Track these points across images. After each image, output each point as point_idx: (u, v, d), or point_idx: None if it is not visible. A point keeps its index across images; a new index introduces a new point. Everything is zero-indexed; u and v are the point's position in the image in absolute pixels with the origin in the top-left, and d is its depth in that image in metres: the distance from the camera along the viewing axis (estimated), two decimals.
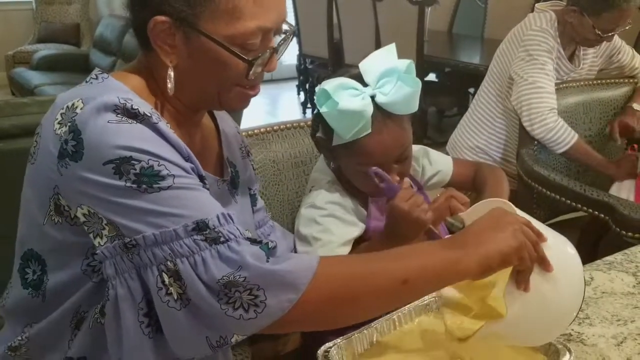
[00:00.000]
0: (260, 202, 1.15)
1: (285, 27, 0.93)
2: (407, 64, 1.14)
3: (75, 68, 5.52)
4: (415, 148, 1.34)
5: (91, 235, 0.82)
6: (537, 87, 2.08)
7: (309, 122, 1.51)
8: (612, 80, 2.33)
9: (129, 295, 0.81)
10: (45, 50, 5.84)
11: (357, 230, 1.23)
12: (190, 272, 0.77)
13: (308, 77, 5.77)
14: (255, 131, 1.46)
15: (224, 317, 0.77)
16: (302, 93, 5.90)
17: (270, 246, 0.81)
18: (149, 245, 0.78)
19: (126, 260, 0.80)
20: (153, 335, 0.81)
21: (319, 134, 1.25)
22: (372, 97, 1.14)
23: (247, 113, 3.77)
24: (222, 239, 0.79)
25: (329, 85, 1.13)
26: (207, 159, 1.01)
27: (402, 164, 1.22)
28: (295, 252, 1.22)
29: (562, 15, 2.16)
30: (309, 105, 5.84)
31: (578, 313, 0.96)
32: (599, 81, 2.30)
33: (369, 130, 1.15)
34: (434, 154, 1.40)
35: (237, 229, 0.81)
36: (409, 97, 1.15)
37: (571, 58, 2.27)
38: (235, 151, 1.09)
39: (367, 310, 0.87)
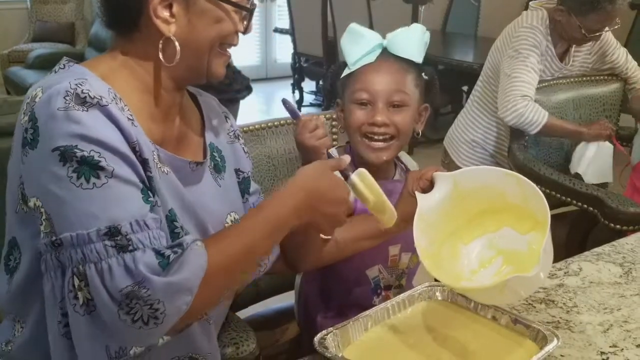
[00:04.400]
0: (255, 186, 1.18)
1: None
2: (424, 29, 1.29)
3: None
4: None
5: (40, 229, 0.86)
6: (513, 77, 2.13)
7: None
8: (602, 77, 2.36)
9: (51, 294, 0.85)
10: (41, 49, 5.83)
11: None
12: (96, 279, 0.80)
13: (303, 75, 5.79)
14: (251, 127, 1.50)
15: (124, 328, 0.80)
16: (296, 91, 5.92)
17: (171, 259, 0.83)
18: (67, 247, 0.81)
19: (54, 258, 0.84)
20: (69, 336, 0.85)
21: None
22: (384, 47, 1.28)
23: (242, 111, 3.81)
24: (130, 247, 0.81)
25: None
26: (187, 143, 1.04)
27: (398, 112, 1.27)
28: None
29: (552, 13, 2.20)
30: (304, 104, 5.87)
31: None
32: (589, 78, 2.33)
33: (373, 60, 1.26)
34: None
35: (149, 236, 0.84)
36: (412, 38, 1.28)
37: (563, 56, 2.31)
38: (221, 136, 1.12)
39: (249, 274, 0.98)
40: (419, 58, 1.28)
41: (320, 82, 5.80)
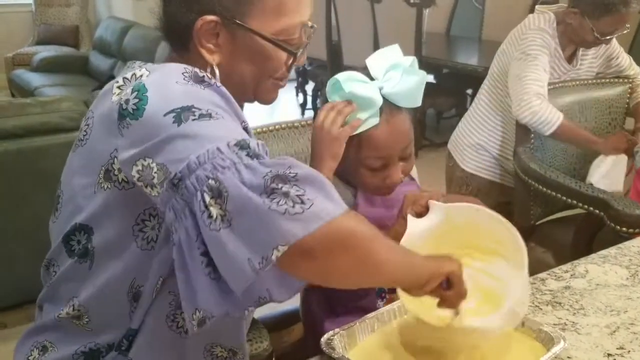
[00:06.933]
0: None
1: (309, 22, 1.01)
2: (411, 60, 1.18)
3: (75, 70, 5.55)
4: None
5: (147, 189, 0.82)
6: (523, 76, 2.13)
7: (304, 122, 1.55)
8: (607, 80, 2.36)
9: (186, 237, 0.78)
10: (45, 52, 5.86)
11: None
12: (232, 179, 0.75)
13: (307, 78, 5.80)
14: (254, 131, 1.50)
15: (267, 216, 0.73)
16: (300, 94, 5.92)
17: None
18: (192, 171, 0.77)
19: (179, 199, 0.78)
20: (214, 276, 0.78)
21: None
22: (380, 89, 1.17)
23: (246, 114, 3.81)
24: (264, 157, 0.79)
25: (340, 76, 1.17)
26: None
27: (406, 161, 1.24)
28: None
29: (562, 16, 2.20)
30: (307, 107, 5.87)
31: None
32: (595, 81, 2.33)
33: (378, 121, 1.17)
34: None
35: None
36: (415, 89, 1.18)
37: (570, 58, 2.31)
38: None
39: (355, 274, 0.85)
40: (419, 103, 1.21)
41: (319, 93, 5.80)
